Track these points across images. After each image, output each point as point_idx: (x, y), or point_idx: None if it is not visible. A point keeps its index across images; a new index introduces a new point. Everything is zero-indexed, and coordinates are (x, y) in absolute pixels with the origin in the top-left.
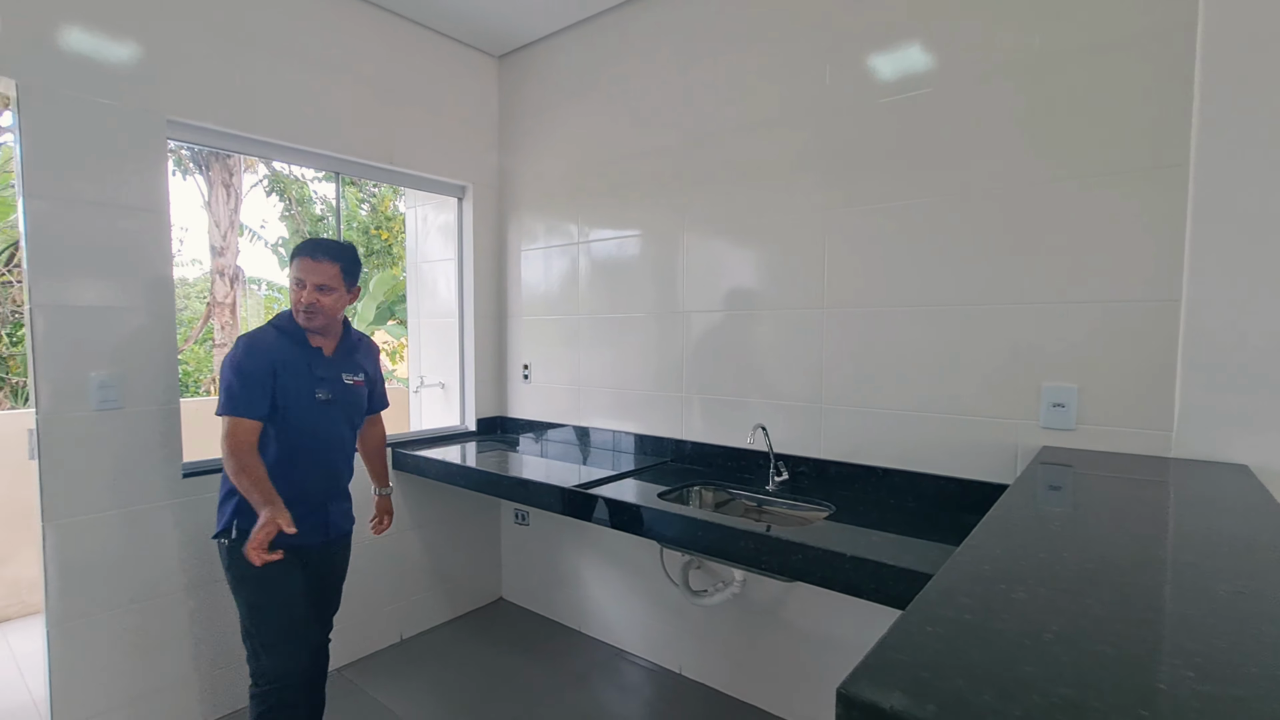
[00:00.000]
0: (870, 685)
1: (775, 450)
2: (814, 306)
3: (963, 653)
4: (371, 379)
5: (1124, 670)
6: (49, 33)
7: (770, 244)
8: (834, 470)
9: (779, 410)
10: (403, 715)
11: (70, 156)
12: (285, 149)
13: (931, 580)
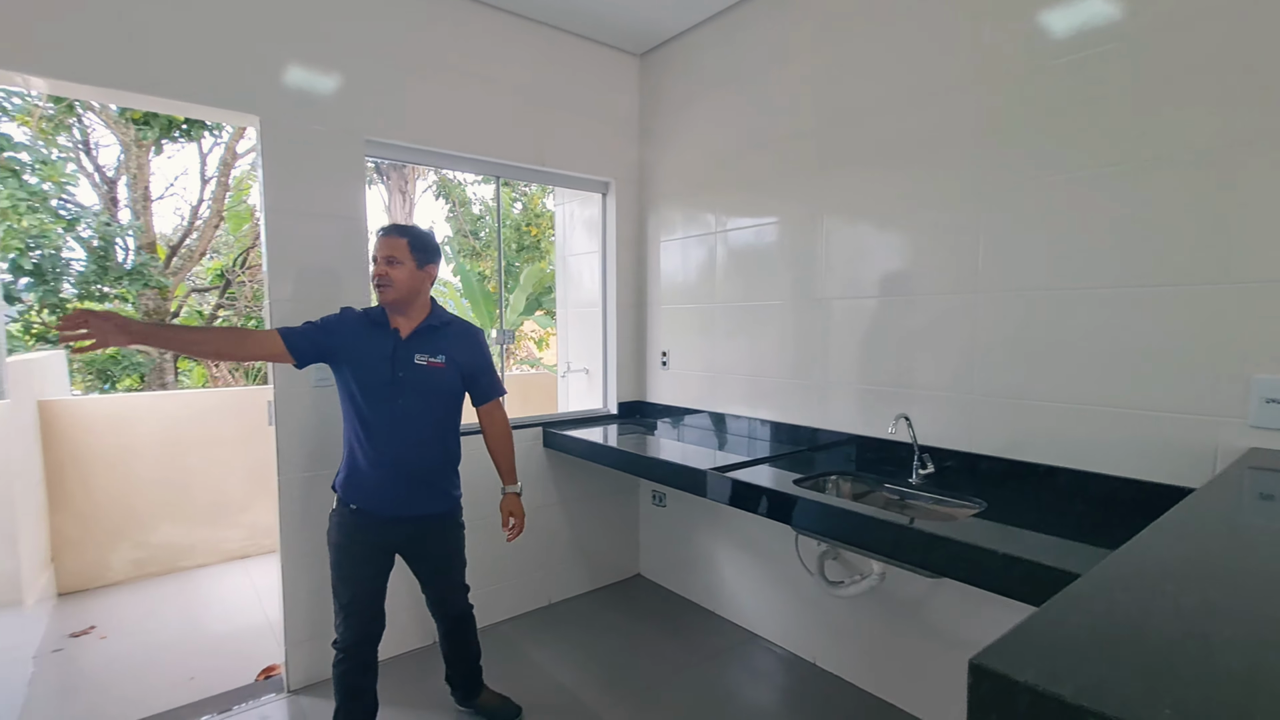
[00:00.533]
0: (1005, 660)
1: (920, 442)
2: (965, 291)
3: (1111, 646)
4: (462, 365)
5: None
6: (278, 76)
7: (916, 225)
8: (985, 465)
9: (924, 400)
10: (549, 669)
11: (295, 175)
12: (456, 158)
13: (1085, 574)
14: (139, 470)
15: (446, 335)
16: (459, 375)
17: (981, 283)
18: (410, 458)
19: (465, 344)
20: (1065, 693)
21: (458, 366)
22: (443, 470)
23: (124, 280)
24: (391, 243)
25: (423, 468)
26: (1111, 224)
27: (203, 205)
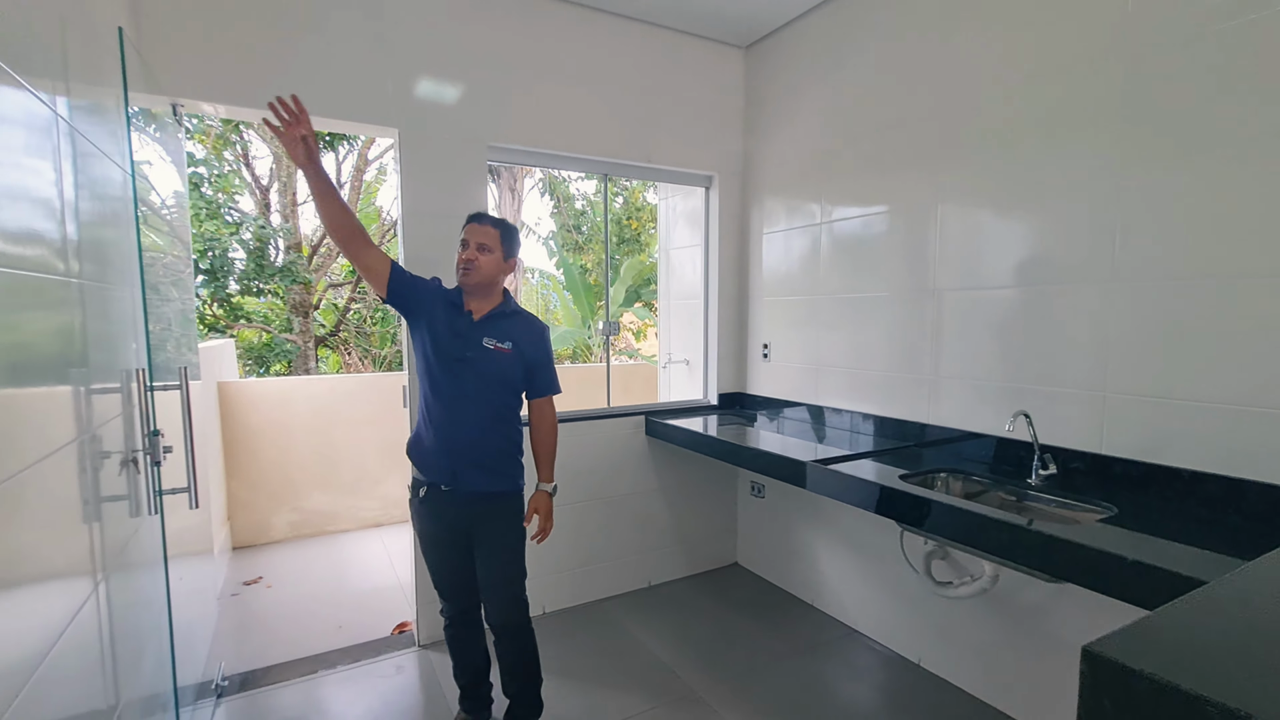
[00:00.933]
0: (1123, 649)
1: (1041, 441)
2: (1098, 280)
3: (1244, 648)
4: (526, 355)
5: None
6: (413, 92)
7: (1039, 212)
8: (1119, 469)
9: (1048, 398)
10: (649, 645)
11: (427, 180)
12: (566, 158)
13: (1225, 576)
14: (295, 444)
15: (516, 324)
16: (522, 364)
17: (1119, 271)
18: (467, 434)
19: (532, 336)
20: (1184, 682)
21: (522, 355)
22: (500, 455)
23: (276, 277)
24: (485, 231)
25: (479, 447)
26: (1273, 206)
27: None
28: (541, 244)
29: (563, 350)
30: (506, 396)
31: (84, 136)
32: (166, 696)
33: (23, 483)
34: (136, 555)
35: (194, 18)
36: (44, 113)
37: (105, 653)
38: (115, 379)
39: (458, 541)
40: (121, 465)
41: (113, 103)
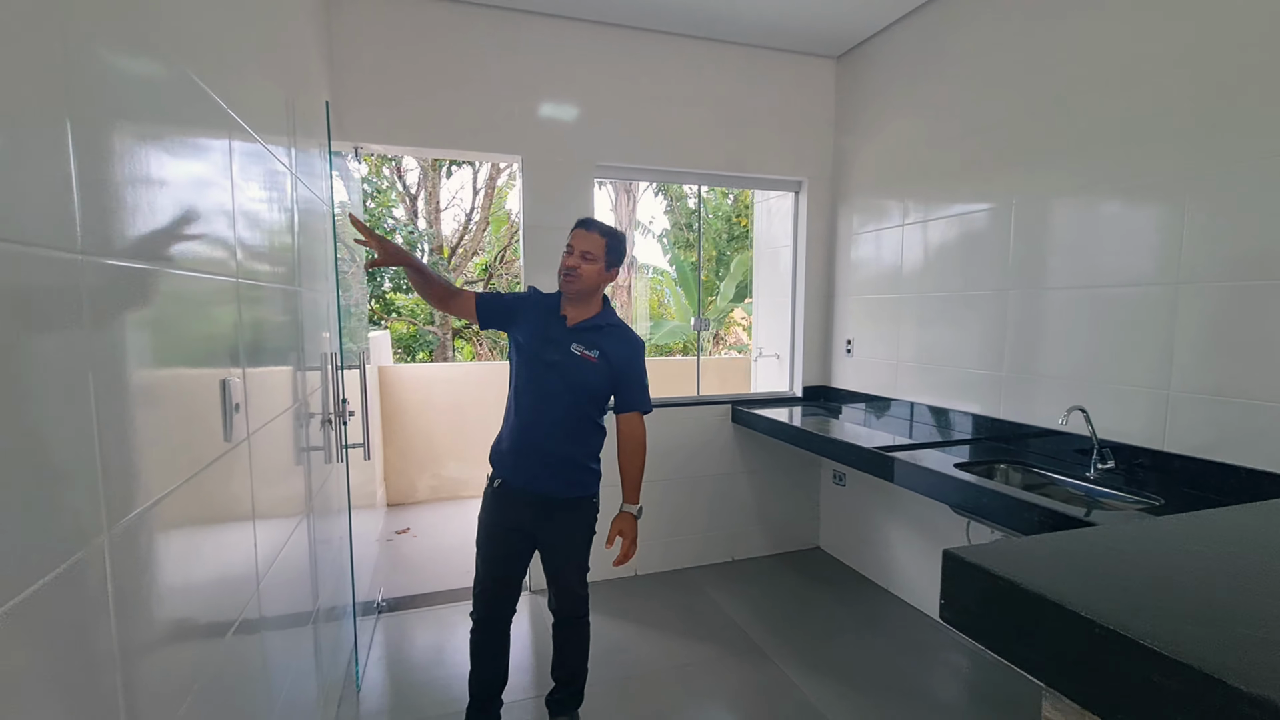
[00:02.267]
0: (965, 552)
1: (1100, 437)
2: (1164, 281)
3: (1066, 557)
4: (614, 366)
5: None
6: (533, 123)
7: (1110, 212)
8: (1179, 465)
9: (1110, 394)
10: (725, 610)
11: (544, 197)
12: (664, 172)
13: (1110, 524)
14: (435, 420)
15: (608, 335)
16: (609, 375)
17: (1184, 272)
18: (546, 437)
19: (623, 349)
20: (996, 567)
21: (610, 366)
22: (577, 461)
23: None
24: (592, 239)
25: (557, 451)
26: None
27: (474, 212)
28: (655, 241)
29: (674, 344)
30: (587, 406)
31: (301, 180)
32: (346, 608)
33: (270, 430)
34: (328, 496)
35: (369, 85)
36: (279, 166)
37: (310, 567)
38: (317, 361)
39: (515, 540)
40: (321, 424)
41: (317, 151)
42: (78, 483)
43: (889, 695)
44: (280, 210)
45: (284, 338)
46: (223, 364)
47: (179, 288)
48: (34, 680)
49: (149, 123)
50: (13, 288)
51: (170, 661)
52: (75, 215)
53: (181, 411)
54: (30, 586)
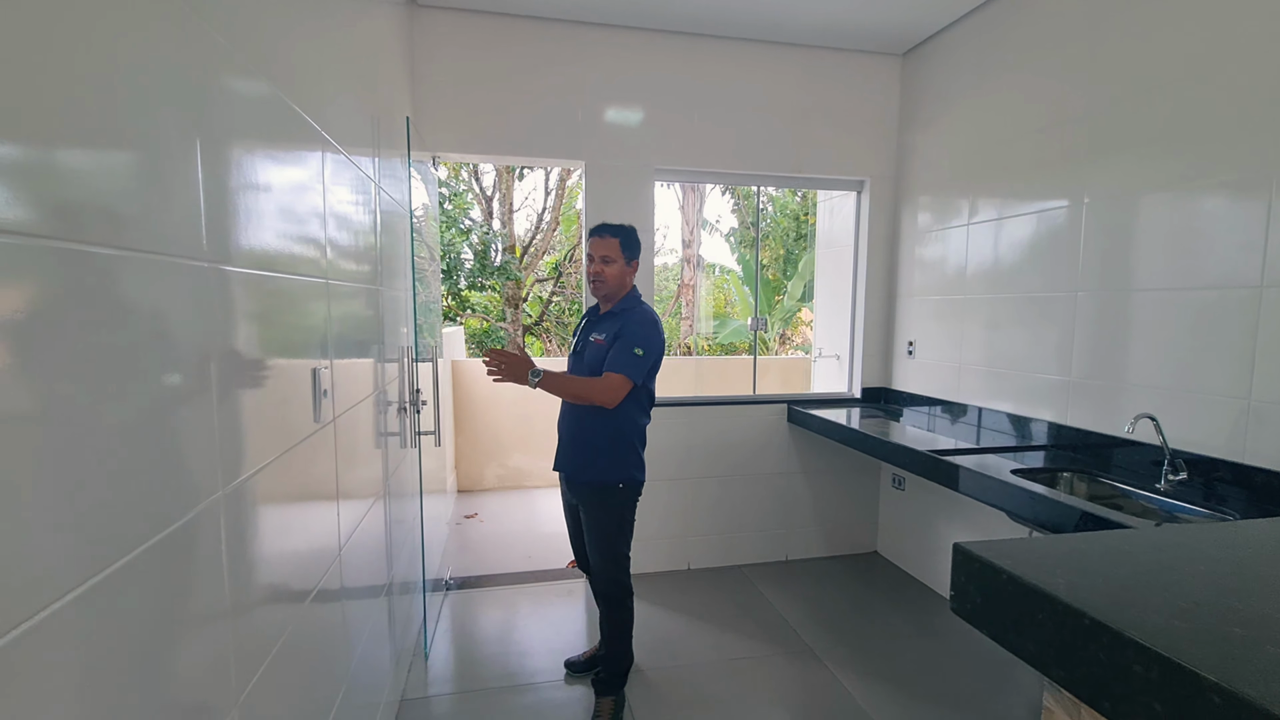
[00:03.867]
0: (974, 548)
1: (1174, 447)
2: (1247, 285)
3: (1075, 557)
4: (611, 340)
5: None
6: (595, 130)
7: (1174, 215)
8: (1262, 479)
9: (1186, 402)
10: (777, 608)
11: (606, 199)
12: (723, 174)
13: (1130, 530)
14: (503, 413)
15: (620, 319)
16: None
17: (1271, 275)
18: (571, 425)
19: (628, 325)
20: (999, 561)
21: (609, 341)
22: (596, 447)
23: (495, 274)
24: (606, 243)
25: (579, 438)
26: None
27: (545, 212)
28: (724, 239)
29: (740, 343)
30: None
31: (383, 190)
32: (416, 584)
33: (354, 414)
34: (403, 479)
35: (445, 99)
36: (365, 177)
37: (386, 542)
38: (395, 354)
39: (573, 513)
40: (398, 411)
41: (399, 161)
42: (200, 449)
43: (941, 703)
44: (365, 214)
45: (367, 331)
46: (314, 354)
47: (280, 288)
48: (174, 602)
49: (257, 142)
50: (155, 290)
51: (266, 610)
52: (202, 228)
53: (279, 395)
54: (168, 527)
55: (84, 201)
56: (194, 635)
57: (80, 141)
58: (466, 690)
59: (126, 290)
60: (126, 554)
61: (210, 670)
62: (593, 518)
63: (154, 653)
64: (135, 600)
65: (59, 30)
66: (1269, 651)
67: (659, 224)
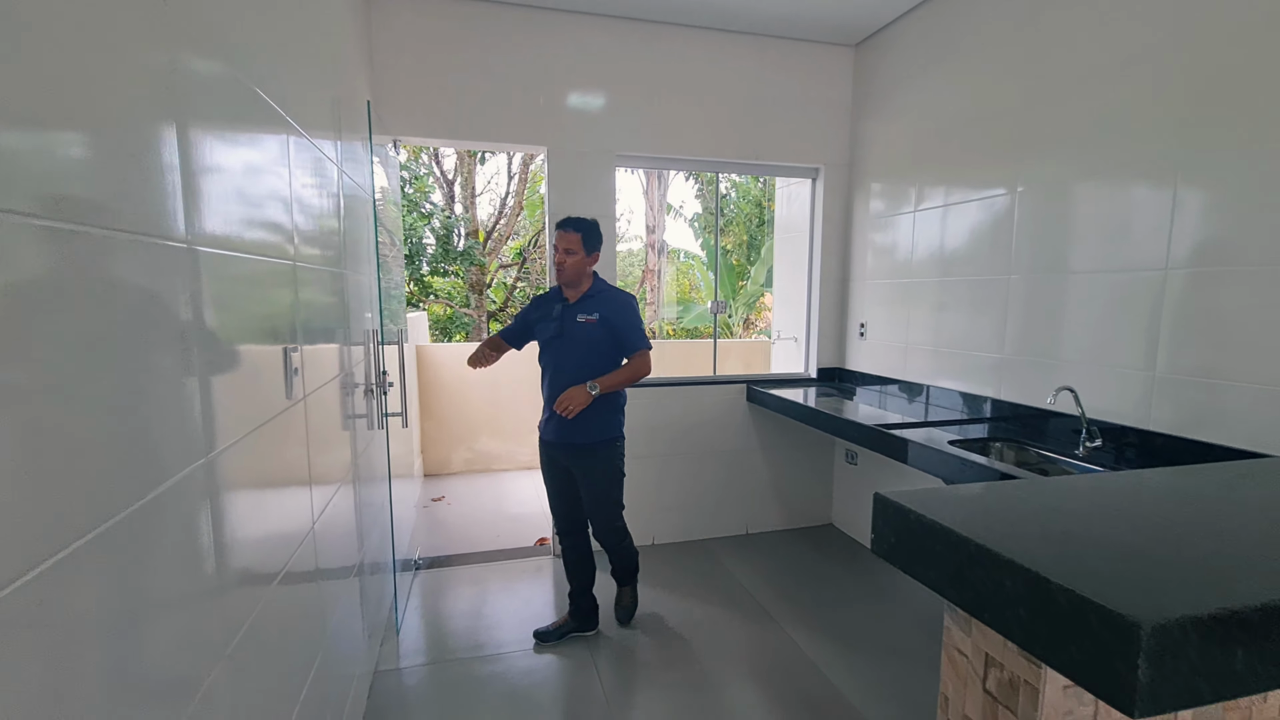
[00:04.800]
0: (891, 495)
1: (1091, 416)
2: (1152, 268)
3: (966, 501)
4: (612, 322)
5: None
6: (556, 111)
7: (1096, 202)
8: (1162, 443)
9: (1102, 375)
10: (737, 577)
11: (568, 185)
12: (682, 160)
13: (1021, 481)
14: (470, 397)
15: (602, 300)
16: (609, 330)
17: (1174, 259)
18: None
19: (615, 307)
20: (908, 504)
21: (607, 323)
22: (602, 409)
23: (458, 260)
24: (569, 237)
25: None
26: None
27: (509, 197)
28: (688, 225)
29: (704, 327)
30: (597, 360)
31: (345, 173)
32: (387, 564)
33: (320, 396)
34: (371, 461)
35: (405, 83)
36: (327, 160)
37: (355, 523)
38: (361, 337)
39: (562, 480)
40: (365, 393)
41: (360, 145)
42: (187, 418)
43: (883, 654)
44: (328, 198)
45: (332, 314)
46: (284, 335)
47: (251, 269)
48: (169, 551)
49: (223, 125)
50: (137, 273)
51: (247, 575)
52: (179, 209)
53: (253, 371)
54: (163, 484)
55: (60, 183)
56: (182, 598)
57: (55, 123)
58: (438, 661)
59: (108, 269)
60: (124, 509)
61: (194, 635)
62: (596, 472)
63: (141, 615)
64: (130, 555)
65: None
66: (1112, 566)
67: (623, 209)
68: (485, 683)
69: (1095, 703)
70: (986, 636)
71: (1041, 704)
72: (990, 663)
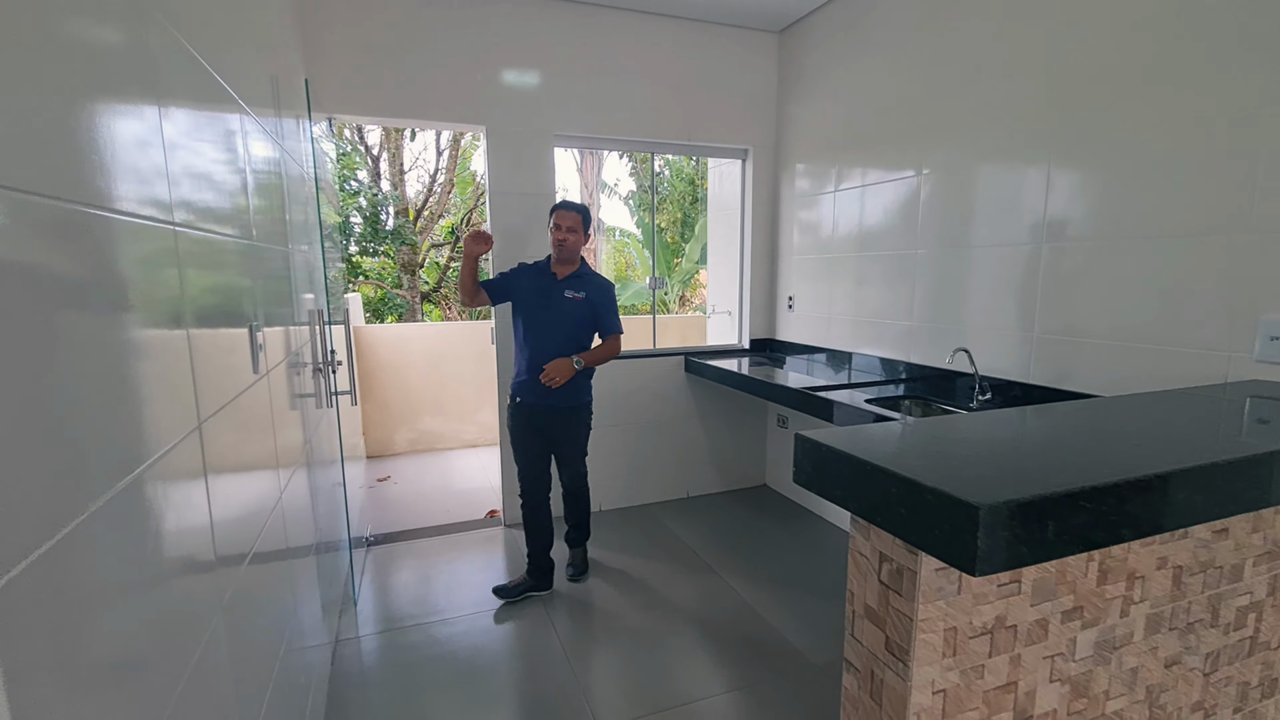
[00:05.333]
0: (809, 435)
1: (983, 374)
2: (1031, 241)
3: (878, 439)
4: (594, 303)
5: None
6: (495, 91)
7: (987, 183)
8: (1039, 394)
9: (992, 337)
10: (680, 536)
11: (508, 165)
12: (618, 141)
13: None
14: (412, 378)
15: (588, 281)
16: (591, 309)
17: (1049, 233)
18: (548, 360)
19: (598, 290)
20: (823, 440)
21: (591, 303)
22: (580, 377)
23: (388, 239)
24: (573, 217)
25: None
26: (1156, 179)
27: (439, 174)
28: (622, 203)
29: (641, 305)
30: (579, 334)
31: (286, 151)
32: (342, 542)
33: (271, 377)
34: (320, 442)
35: (340, 59)
36: (269, 137)
37: (310, 500)
38: (306, 317)
39: (538, 441)
40: (313, 373)
41: (298, 122)
42: (181, 389)
43: (813, 593)
44: (272, 174)
45: (281, 292)
46: (248, 311)
47: (216, 245)
48: (172, 514)
49: (175, 101)
50: (86, 249)
51: (232, 532)
52: (152, 184)
53: (227, 347)
54: (166, 446)
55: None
56: (179, 557)
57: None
58: (398, 627)
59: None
60: (128, 473)
61: (182, 610)
62: (574, 432)
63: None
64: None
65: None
66: (965, 472)
67: (558, 188)
68: (446, 643)
69: (958, 580)
70: (880, 537)
71: (919, 583)
72: (883, 559)
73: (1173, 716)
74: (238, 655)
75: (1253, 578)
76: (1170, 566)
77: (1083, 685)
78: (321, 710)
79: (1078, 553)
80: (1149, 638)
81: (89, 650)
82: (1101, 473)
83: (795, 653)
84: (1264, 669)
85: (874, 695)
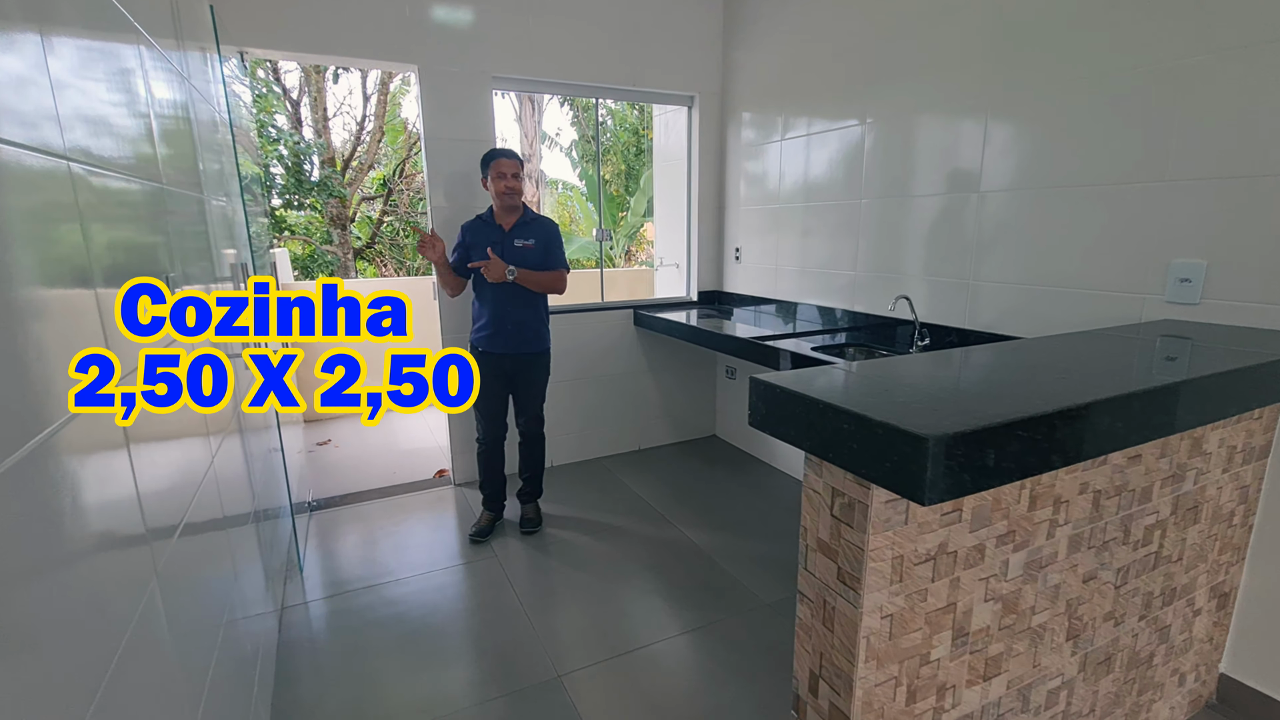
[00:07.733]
0: (762, 377)
1: (923, 320)
2: (969, 190)
3: (832, 381)
4: (543, 245)
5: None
6: (427, 27)
7: (928, 133)
8: (974, 338)
9: (932, 286)
10: (633, 489)
11: (444, 109)
12: (562, 85)
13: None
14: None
15: (534, 226)
16: (543, 253)
17: (984, 184)
18: (510, 311)
19: (545, 232)
20: (776, 381)
21: (542, 246)
22: (533, 323)
23: (313, 191)
24: (516, 164)
25: (519, 319)
26: (1083, 131)
27: (367, 120)
28: (564, 155)
29: (586, 260)
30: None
31: (194, 87)
32: (283, 508)
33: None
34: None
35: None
36: (174, 71)
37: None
38: (229, 272)
39: (499, 388)
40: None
41: (205, 55)
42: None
43: (764, 539)
44: (181, 115)
45: (198, 245)
46: (162, 263)
47: (123, 188)
48: (93, 484)
49: (67, 29)
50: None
51: (163, 503)
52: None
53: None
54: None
55: None
56: (102, 541)
57: None
58: (347, 591)
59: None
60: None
61: (121, 581)
62: (537, 377)
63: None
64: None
65: None
66: (911, 406)
67: (497, 135)
68: (399, 603)
69: (906, 510)
70: (832, 473)
71: (870, 515)
72: (835, 494)
73: (1088, 626)
74: (178, 627)
75: (1159, 499)
76: (1091, 491)
77: (1012, 602)
78: (271, 677)
79: (1014, 480)
80: (1070, 556)
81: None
82: (1034, 404)
83: (749, 593)
84: (1165, 580)
85: (826, 622)
